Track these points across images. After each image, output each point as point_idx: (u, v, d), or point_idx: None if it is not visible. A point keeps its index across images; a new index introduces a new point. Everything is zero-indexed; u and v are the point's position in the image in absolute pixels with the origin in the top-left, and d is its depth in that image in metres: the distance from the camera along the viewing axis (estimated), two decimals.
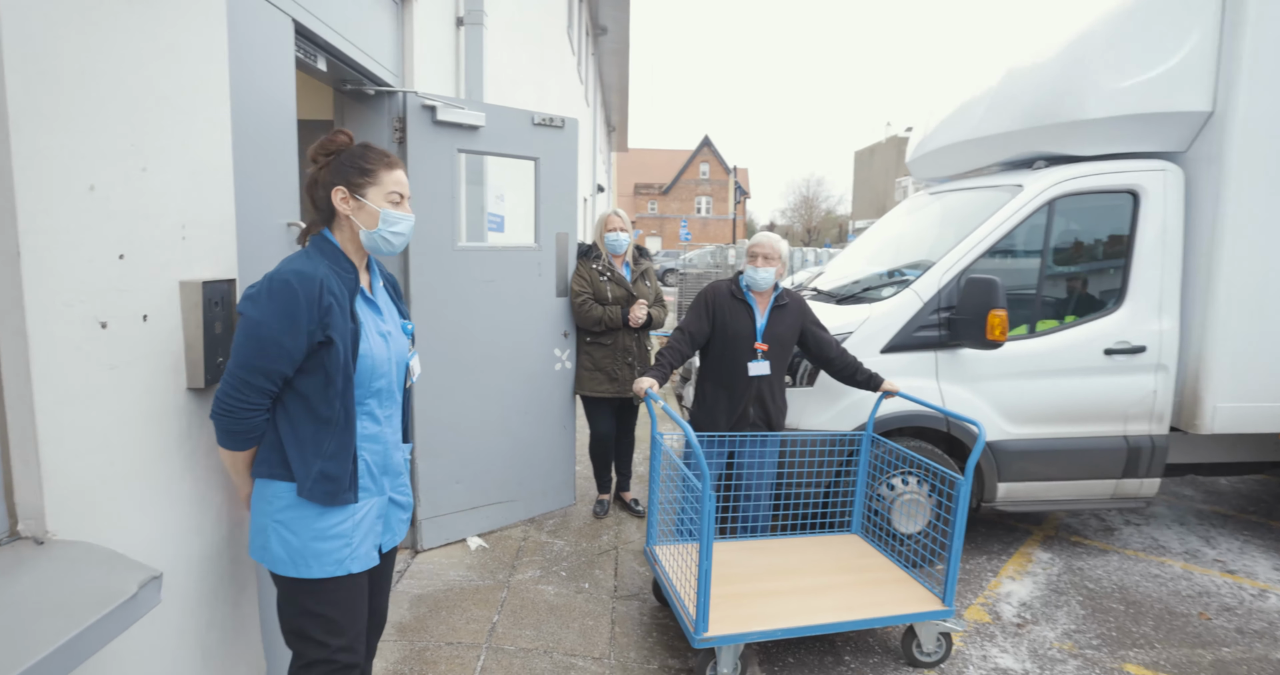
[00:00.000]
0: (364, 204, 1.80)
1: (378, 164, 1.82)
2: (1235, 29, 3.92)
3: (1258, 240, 4.03)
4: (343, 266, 1.80)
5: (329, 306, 1.70)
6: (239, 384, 1.65)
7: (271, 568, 1.78)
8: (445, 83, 4.21)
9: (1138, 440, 4.12)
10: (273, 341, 1.64)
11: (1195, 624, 3.59)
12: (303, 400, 1.74)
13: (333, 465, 1.76)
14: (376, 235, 1.82)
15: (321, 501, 1.75)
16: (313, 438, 1.75)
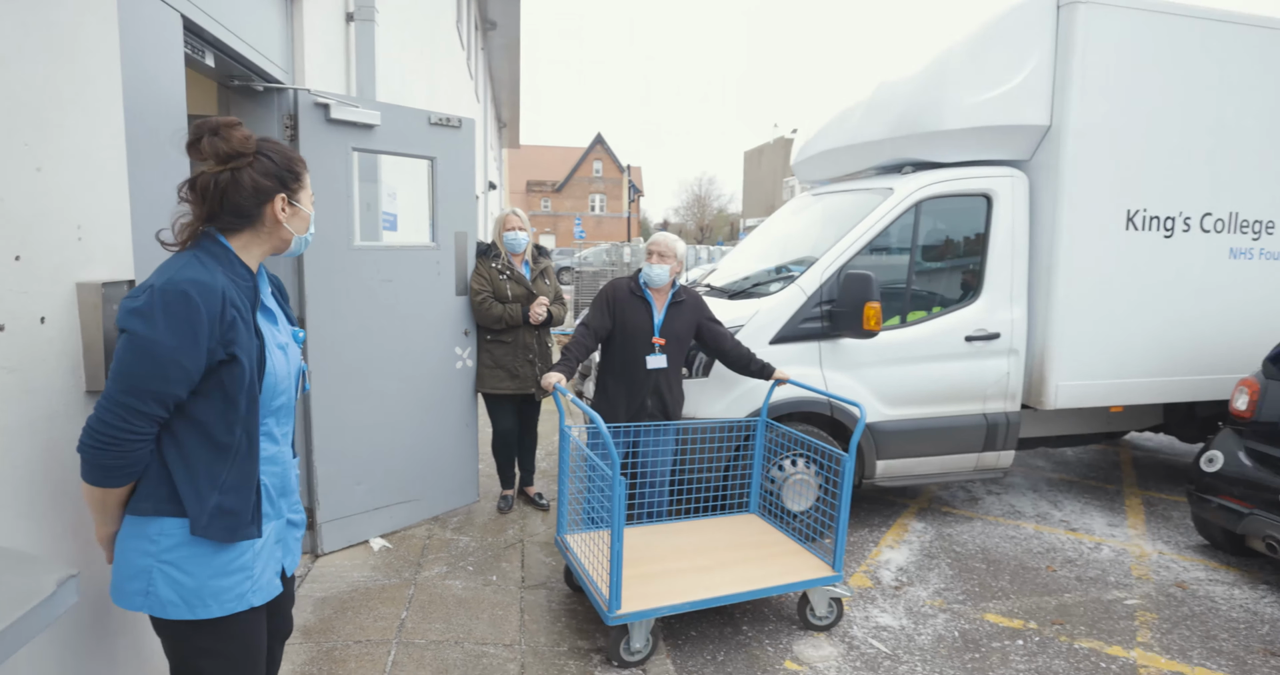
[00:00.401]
0: (299, 210, 1.69)
1: (302, 167, 1.70)
2: (1066, 54, 4.41)
3: (1089, 238, 4.55)
4: (239, 274, 1.61)
5: (232, 321, 1.53)
6: (125, 412, 1.46)
7: (157, 613, 1.57)
8: (336, 79, 4.16)
9: (995, 417, 4.57)
10: (170, 361, 1.46)
11: (1044, 576, 4.04)
12: (196, 426, 1.56)
13: (231, 498, 1.59)
14: (303, 240, 1.73)
15: (220, 539, 1.58)
16: (207, 468, 1.57)
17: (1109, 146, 4.54)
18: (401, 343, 3.95)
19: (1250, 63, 4.73)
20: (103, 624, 1.83)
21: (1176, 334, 4.87)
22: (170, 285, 1.47)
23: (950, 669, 3.14)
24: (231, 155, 1.58)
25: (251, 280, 1.66)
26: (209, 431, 1.56)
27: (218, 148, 1.57)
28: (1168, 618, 3.63)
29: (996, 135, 4.59)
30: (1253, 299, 5.00)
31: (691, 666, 3.11)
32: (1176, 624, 3.58)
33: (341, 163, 3.55)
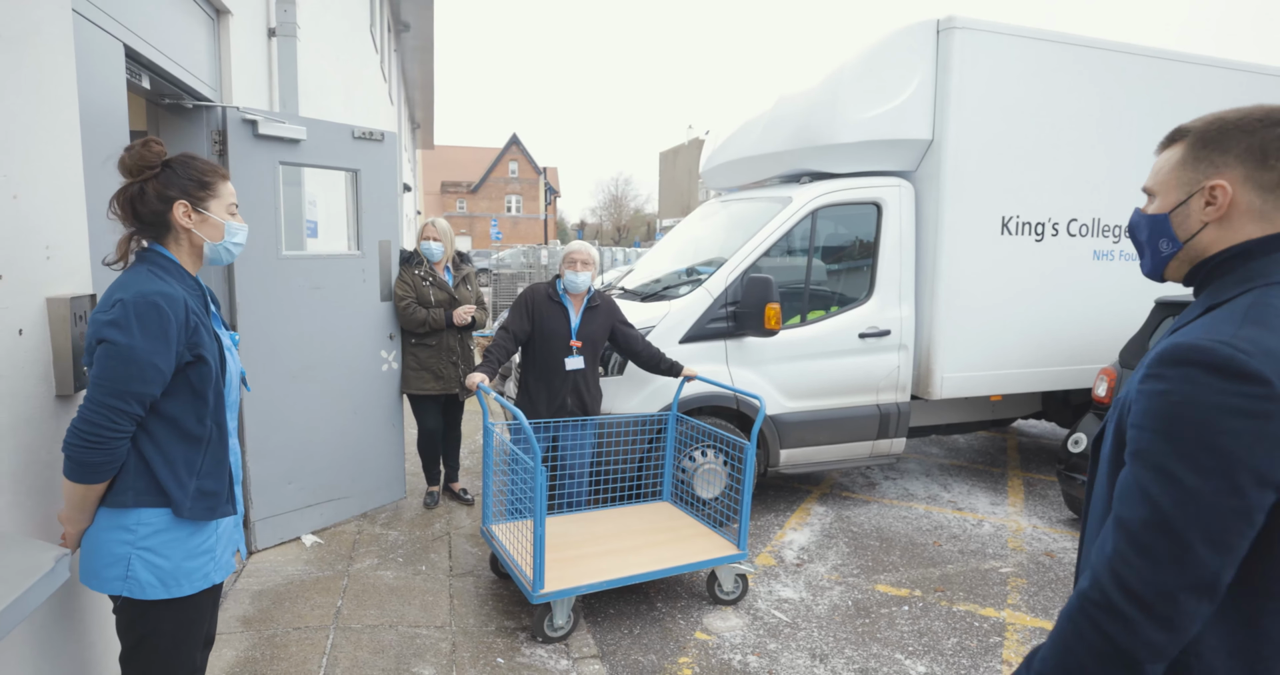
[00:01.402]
0: (207, 217, 1.82)
1: (215, 176, 1.85)
2: (945, 74, 4.89)
3: (968, 243, 5.06)
4: (189, 284, 1.82)
5: (195, 327, 1.74)
6: (111, 412, 1.64)
7: (136, 595, 1.76)
8: (259, 93, 4.26)
9: (887, 407, 5.03)
10: (149, 365, 1.65)
11: (930, 550, 4.50)
12: (168, 422, 1.75)
13: (210, 482, 1.81)
14: (220, 247, 1.87)
15: (203, 518, 1.80)
16: (184, 457, 1.77)
17: (984, 159, 5.04)
18: (330, 347, 4.09)
19: (1110, 83, 5.31)
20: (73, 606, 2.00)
21: (1048, 329, 5.43)
22: (140, 298, 1.66)
23: (843, 633, 3.53)
24: (139, 168, 1.78)
25: (200, 289, 1.88)
26: (182, 425, 1.77)
27: (128, 163, 1.78)
28: (1035, 582, 4.13)
29: (885, 148, 5.04)
30: (1114, 296, 5.60)
31: (610, 640, 3.40)
32: (1043, 587, 4.07)
33: (269, 176, 3.68)
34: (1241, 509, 0.95)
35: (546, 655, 3.13)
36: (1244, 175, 1.10)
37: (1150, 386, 1.04)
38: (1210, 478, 0.96)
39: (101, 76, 2.29)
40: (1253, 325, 1.01)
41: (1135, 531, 1.00)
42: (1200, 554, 0.96)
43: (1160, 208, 1.20)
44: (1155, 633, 0.97)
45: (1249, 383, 0.95)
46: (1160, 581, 0.97)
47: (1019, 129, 5.10)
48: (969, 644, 3.46)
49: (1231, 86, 5.57)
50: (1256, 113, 1.11)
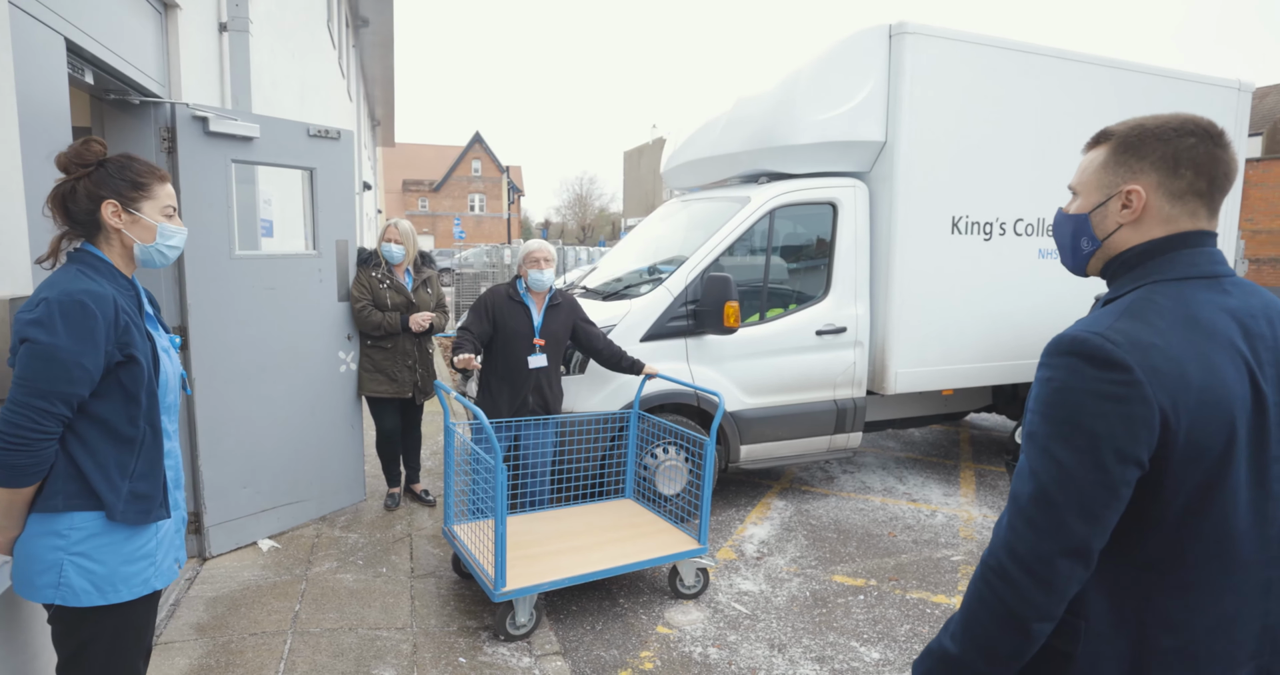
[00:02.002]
0: (139, 218, 1.79)
1: (150, 178, 1.81)
2: (898, 78, 5.00)
3: (920, 242, 5.17)
4: (121, 284, 1.78)
5: (126, 326, 1.70)
6: (36, 413, 1.60)
7: (70, 602, 1.71)
8: (210, 89, 4.18)
9: (844, 403, 5.12)
10: (74, 365, 1.62)
11: (885, 541, 4.60)
12: (99, 424, 1.72)
13: (143, 484, 1.77)
14: (152, 249, 1.83)
15: (136, 522, 1.75)
16: (116, 460, 1.73)
17: (935, 160, 5.16)
18: (286, 348, 4.04)
19: (1057, 88, 5.48)
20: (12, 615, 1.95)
21: (996, 324, 5.58)
22: (66, 296, 1.64)
23: (801, 623, 3.60)
24: (74, 166, 1.76)
25: (133, 289, 1.85)
26: (113, 427, 1.74)
27: (63, 161, 1.77)
28: None
29: (840, 149, 5.13)
30: (1057, 292, 5.76)
31: (573, 637, 3.42)
32: None
33: (221, 175, 3.63)
34: (1107, 483, 1.06)
35: (509, 653, 3.14)
36: (1157, 182, 1.17)
37: (1040, 374, 1.15)
38: (1080, 455, 1.06)
39: (41, 72, 2.24)
40: (1129, 318, 1.11)
41: (1023, 505, 1.11)
42: (1072, 524, 1.07)
43: (1081, 207, 1.27)
44: (1038, 594, 1.08)
45: (1114, 370, 1.05)
46: (1041, 548, 1.08)
47: (968, 131, 5.23)
48: (921, 630, 3.55)
49: (1168, 92, 5.79)
50: (1172, 122, 1.18)
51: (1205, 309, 1.12)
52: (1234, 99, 6.12)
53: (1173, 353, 1.07)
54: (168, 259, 1.89)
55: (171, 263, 1.93)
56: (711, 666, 3.19)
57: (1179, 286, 1.15)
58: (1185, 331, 1.09)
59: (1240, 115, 6.19)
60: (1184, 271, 1.16)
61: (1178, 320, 1.10)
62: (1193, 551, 1.11)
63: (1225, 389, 1.07)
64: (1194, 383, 1.06)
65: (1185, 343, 1.08)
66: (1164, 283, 1.16)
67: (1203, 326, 1.10)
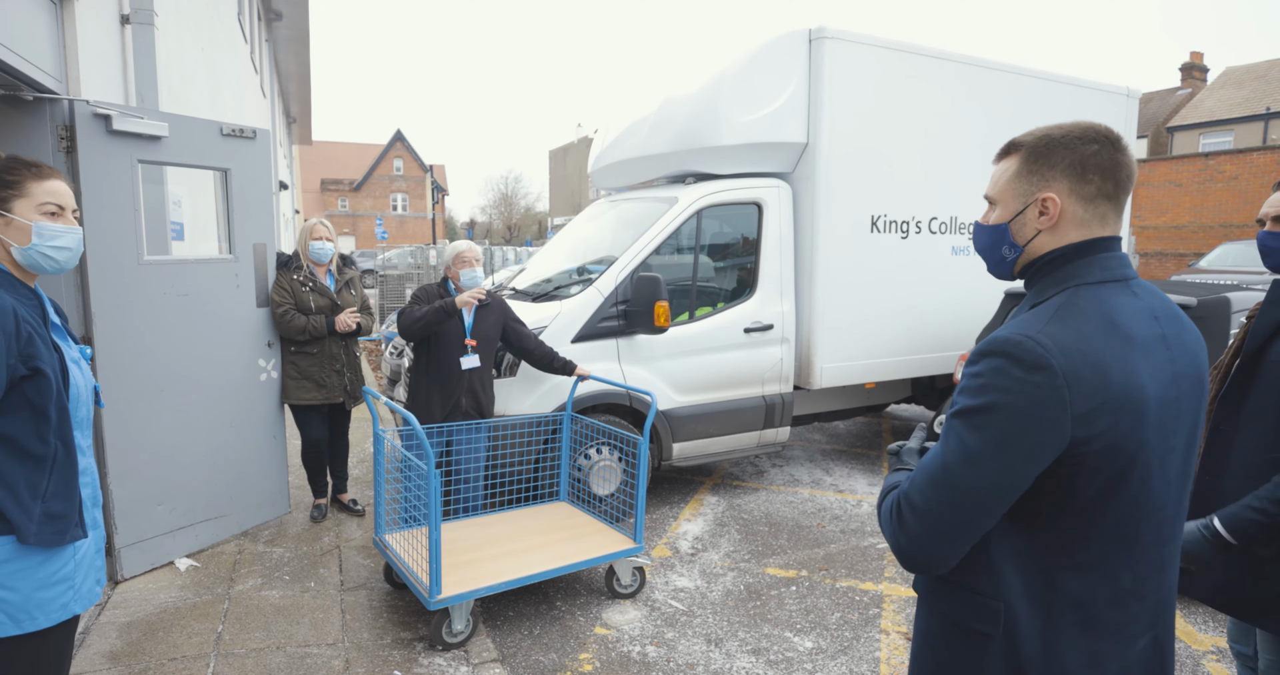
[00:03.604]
0: (11, 219, 1.67)
1: (23, 174, 1.70)
2: (817, 81, 5.13)
3: (841, 240, 5.32)
4: (22, 293, 1.69)
5: (29, 337, 1.61)
6: None
7: None
8: (113, 85, 3.96)
9: (772, 398, 5.23)
10: None
11: (815, 532, 4.73)
12: (6, 442, 1.62)
13: (57, 504, 1.68)
14: (33, 252, 1.70)
15: (52, 543, 1.67)
16: (26, 480, 1.64)
17: (855, 161, 5.32)
18: (201, 357, 3.87)
19: (967, 92, 5.72)
20: None
21: (914, 319, 5.79)
22: None
23: (736, 617, 3.66)
24: None
25: (35, 298, 1.74)
26: (21, 445, 1.63)
27: None
28: None
29: (764, 151, 5.23)
30: (970, 288, 6.03)
31: (510, 642, 3.39)
32: None
33: (126, 176, 3.44)
34: (1003, 474, 1.15)
35: (445, 663, 3.10)
36: (1069, 188, 1.24)
37: (968, 369, 1.21)
38: (991, 449, 1.14)
39: None
40: (1057, 323, 1.17)
41: (929, 476, 1.21)
42: (970, 504, 1.17)
43: (1001, 217, 1.33)
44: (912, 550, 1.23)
45: (1038, 372, 1.12)
46: (929, 519, 1.20)
47: (885, 133, 5.41)
48: (851, 617, 3.67)
49: (1065, 97, 6.13)
50: (1075, 131, 1.26)
51: (1122, 312, 1.20)
52: (1124, 104, 6.52)
53: (1095, 357, 1.13)
54: (58, 263, 1.75)
55: (67, 267, 1.78)
56: (650, 665, 3.22)
57: (1097, 290, 1.22)
58: (1107, 335, 1.16)
59: (1129, 119, 6.60)
60: (1100, 275, 1.23)
61: (1100, 324, 1.17)
62: (1099, 534, 1.19)
63: (1140, 390, 1.15)
64: (1114, 385, 1.13)
65: (1107, 346, 1.15)
66: (1085, 286, 1.22)
67: (1121, 329, 1.18)
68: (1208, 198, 17.38)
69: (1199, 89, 29.84)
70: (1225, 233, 16.76)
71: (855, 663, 3.27)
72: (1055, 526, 1.19)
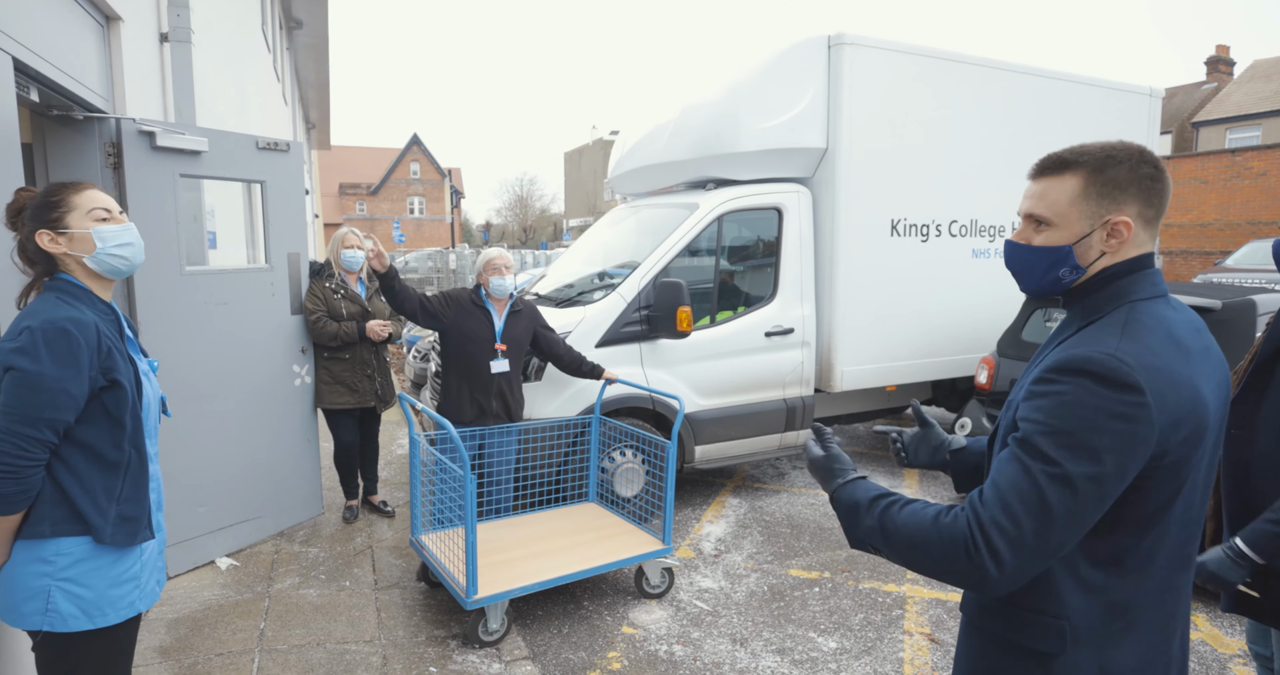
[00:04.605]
0: (71, 233, 1.76)
1: (64, 192, 1.79)
2: (837, 87, 5.19)
3: (861, 244, 5.38)
4: (101, 309, 1.80)
5: (109, 351, 1.72)
6: (22, 441, 1.62)
7: (58, 628, 1.72)
8: (153, 102, 4.10)
9: (793, 401, 5.29)
10: (60, 391, 1.64)
11: (837, 534, 4.79)
12: (84, 449, 1.73)
13: (130, 507, 1.80)
14: (102, 256, 1.79)
15: (124, 544, 1.78)
16: (103, 484, 1.75)
17: (875, 165, 5.37)
18: (239, 363, 4.00)
19: (987, 95, 5.75)
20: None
21: (935, 322, 5.83)
22: (49, 324, 1.65)
23: (760, 617, 3.73)
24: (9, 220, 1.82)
25: (113, 313, 1.86)
26: (99, 451, 1.75)
27: (6, 220, 1.82)
28: None
29: (784, 156, 5.30)
30: (991, 290, 6.06)
31: (540, 641, 3.48)
32: None
33: (169, 190, 3.57)
34: (1100, 495, 1.14)
35: (479, 660, 3.19)
36: (1138, 211, 1.25)
37: (1046, 388, 1.19)
38: (1084, 466, 1.12)
39: None
40: (1130, 340, 1.18)
41: (1010, 501, 1.15)
42: (1058, 530, 1.14)
43: (1064, 239, 1.28)
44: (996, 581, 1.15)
45: (1128, 392, 1.12)
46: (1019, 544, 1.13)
47: (905, 137, 5.46)
48: (874, 618, 3.73)
49: (1088, 98, 6.15)
50: (1132, 152, 1.25)
51: (1178, 327, 1.22)
52: (1146, 104, 6.52)
53: (1170, 374, 1.15)
54: (129, 260, 1.84)
55: (138, 264, 1.88)
56: (677, 663, 3.30)
57: (1151, 305, 1.24)
58: (1172, 351, 1.17)
59: (1153, 119, 6.60)
60: (1150, 291, 1.25)
61: (1165, 340, 1.18)
62: (1149, 541, 1.22)
63: (1204, 404, 1.18)
64: (1185, 401, 1.15)
65: (1175, 362, 1.16)
66: (1140, 302, 1.24)
67: (1182, 345, 1.19)
68: (1234, 195, 17.16)
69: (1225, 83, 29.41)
70: (1253, 230, 16.51)
71: (879, 663, 3.34)
72: (1111, 538, 1.20)
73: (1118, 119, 6.34)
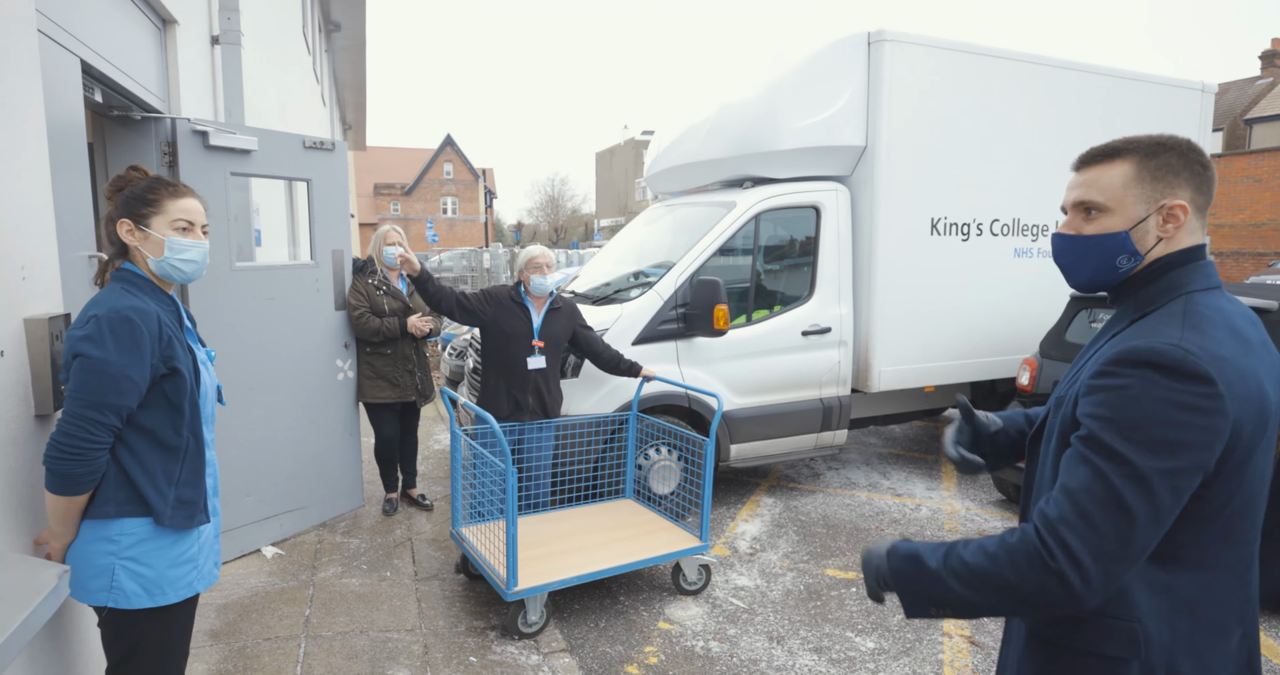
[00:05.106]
0: (148, 234, 1.83)
1: (162, 193, 1.85)
2: (876, 84, 5.15)
3: (900, 243, 5.33)
4: (162, 300, 1.87)
5: (169, 340, 1.79)
6: (90, 424, 1.68)
7: (122, 605, 1.80)
8: (204, 102, 4.21)
9: (829, 401, 5.26)
10: (124, 377, 1.70)
11: (873, 534, 4.76)
12: (145, 434, 1.80)
13: (188, 490, 1.87)
14: (165, 263, 1.86)
15: (182, 526, 1.85)
16: (163, 468, 1.83)
17: (914, 163, 5.32)
18: (285, 357, 4.09)
19: (1031, 92, 5.66)
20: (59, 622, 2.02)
21: (975, 323, 5.76)
22: (114, 313, 1.73)
23: (797, 616, 3.73)
24: (110, 193, 1.89)
25: (174, 305, 1.94)
26: (159, 437, 1.83)
27: (106, 191, 1.90)
28: None
29: (822, 154, 5.27)
30: (1033, 290, 5.97)
31: (577, 634, 3.52)
32: None
33: (220, 188, 3.67)
34: (1178, 489, 1.11)
35: (517, 652, 3.23)
36: (1191, 196, 1.24)
37: (1108, 382, 1.16)
38: (1158, 462, 1.09)
39: (62, 94, 2.30)
40: (1192, 330, 1.15)
41: (1083, 505, 1.12)
42: (1140, 529, 1.10)
43: (1120, 224, 1.26)
44: (1084, 595, 1.11)
45: (1198, 383, 1.10)
46: (1101, 551, 1.10)
47: (945, 134, 5.40)
48: (913, 619, 3.70)
49: (1137, 94, 6.02)
50: (1180, 141, 1.25)
51: (1237, 318, 1.20)
52: (1198, 100, 6.37)
53: (1237, 364, 1.12)
54: (185, 274, 1.91)
55: (194, 278, 1.94)
56: (714, 659, 3.31)
57: (1209, 296, 1.22)
58: (1235, 342, 1.15)
59: (1204, 115, 6.45)
60: (1206, 282, 1.24)
61: (1226, 331, 1.16)
62: (1211, 539, 1.19)
63: (1267, 396, 1.15)
64: (1252, 393, 1.13)
65: (1239, 353, 1.14)
66: (1198, 293, 1.22)
67: (1242, 336, 1.17)
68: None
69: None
70: None
71: (918, 664, 3.31)
72: (1174, 533, 1.17)
73: (1168, 115, 6.20)
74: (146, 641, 1.88)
